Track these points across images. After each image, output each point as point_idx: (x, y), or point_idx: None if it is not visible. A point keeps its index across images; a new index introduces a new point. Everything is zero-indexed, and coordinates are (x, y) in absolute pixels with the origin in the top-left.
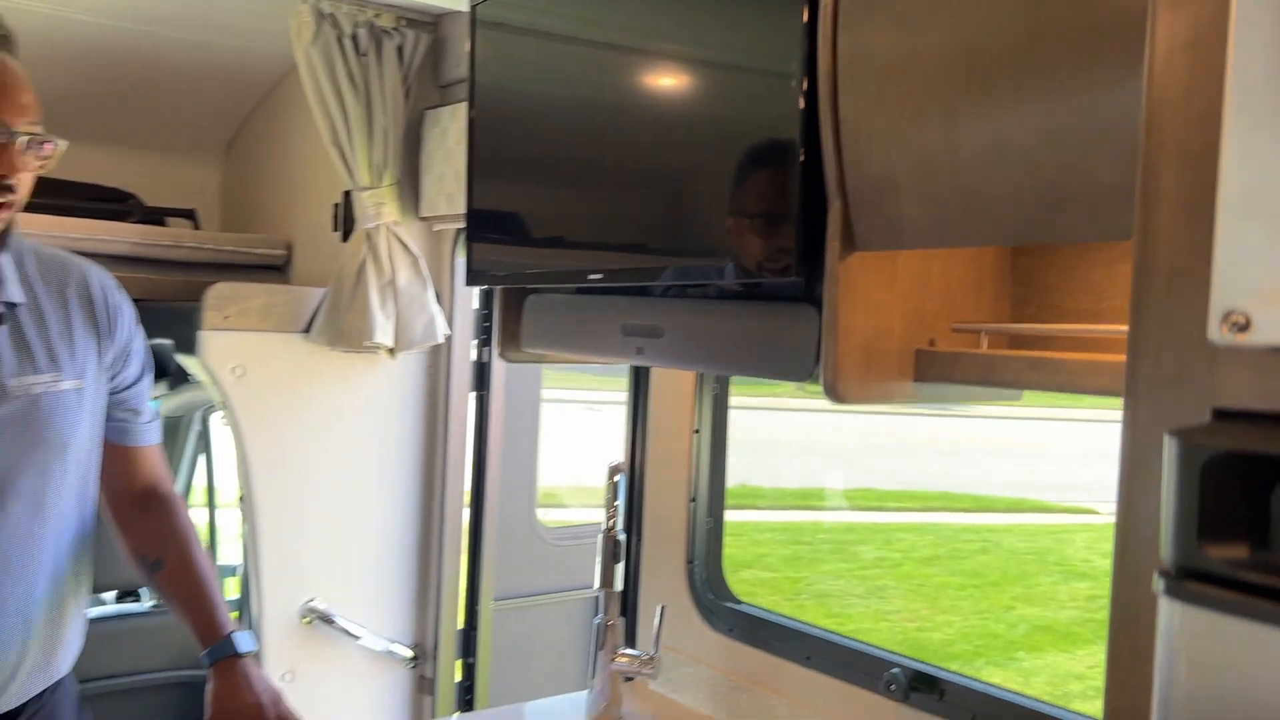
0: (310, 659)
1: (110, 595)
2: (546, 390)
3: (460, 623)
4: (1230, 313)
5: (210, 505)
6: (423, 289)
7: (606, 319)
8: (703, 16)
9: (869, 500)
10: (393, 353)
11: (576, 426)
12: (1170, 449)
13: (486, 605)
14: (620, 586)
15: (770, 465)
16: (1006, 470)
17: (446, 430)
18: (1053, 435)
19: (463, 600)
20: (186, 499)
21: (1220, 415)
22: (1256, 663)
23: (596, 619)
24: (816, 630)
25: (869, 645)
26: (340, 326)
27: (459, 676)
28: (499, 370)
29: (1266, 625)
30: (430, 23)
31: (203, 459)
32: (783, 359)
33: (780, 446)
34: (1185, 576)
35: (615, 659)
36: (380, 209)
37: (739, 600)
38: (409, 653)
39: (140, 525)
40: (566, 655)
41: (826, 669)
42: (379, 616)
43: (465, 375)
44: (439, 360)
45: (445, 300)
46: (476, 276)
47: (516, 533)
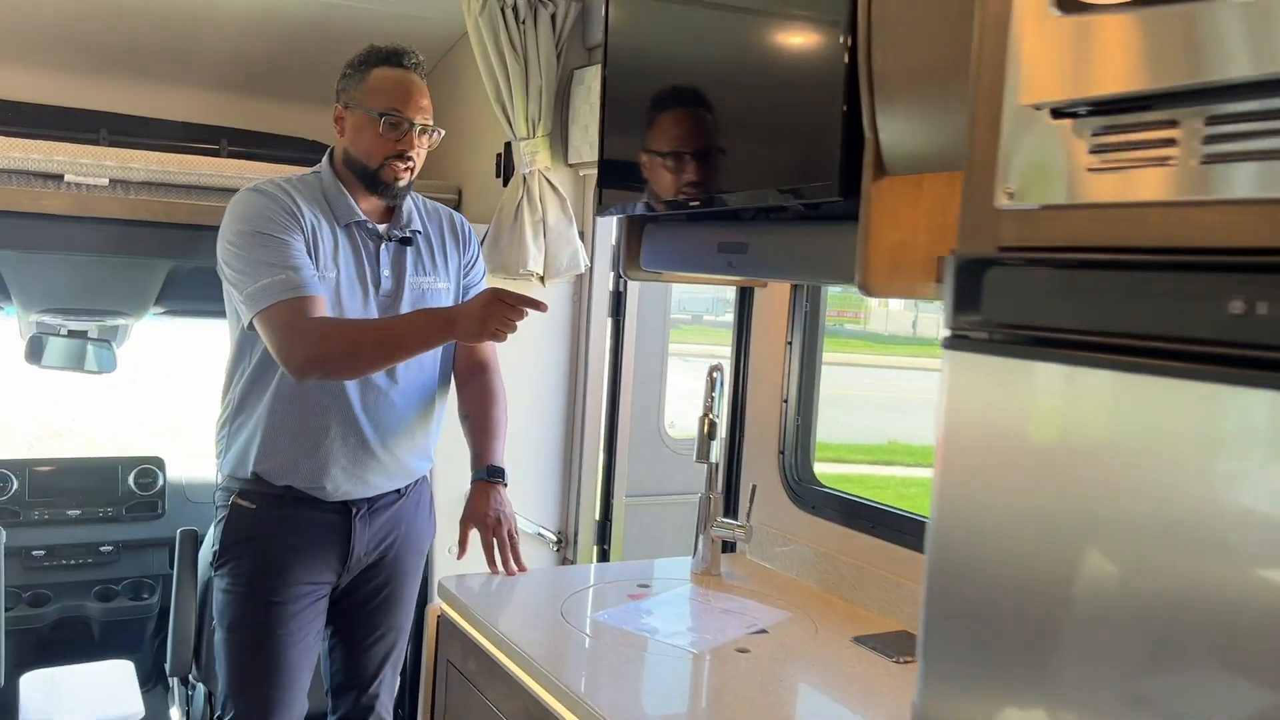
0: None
1: None
2: None
3: (597, 514)
4: (1005, 187)
5: None
6: (569, 226)
7: (706, 241)
8: None
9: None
10: (543, 280)
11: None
12: (950, 263)
13: (620, 500)
14: (714, 459)
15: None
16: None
17: (587, 349)
18: None
19: (599, 496)
20: None
21: (1002, 249)
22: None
23: (700, 492)
24: (880, 504)
25: (918, 514)
26: (500, 257)
27: (595, 560)
28: (633, 298)
29: (980, 355)
30: None
31: None
32: (835, 267)
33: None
34: (952, 339)
35: (714, 525)
36: (535, 156)
37: (821, 484)
38: (554, 537)
39: (464, 389)
40: (686, 546)
41: (887, 536)
42: (530, 505)
43: (604, 302)
44: (582, 288)
45: (587, 237)
46: (605, 208)
47: (646, 440)
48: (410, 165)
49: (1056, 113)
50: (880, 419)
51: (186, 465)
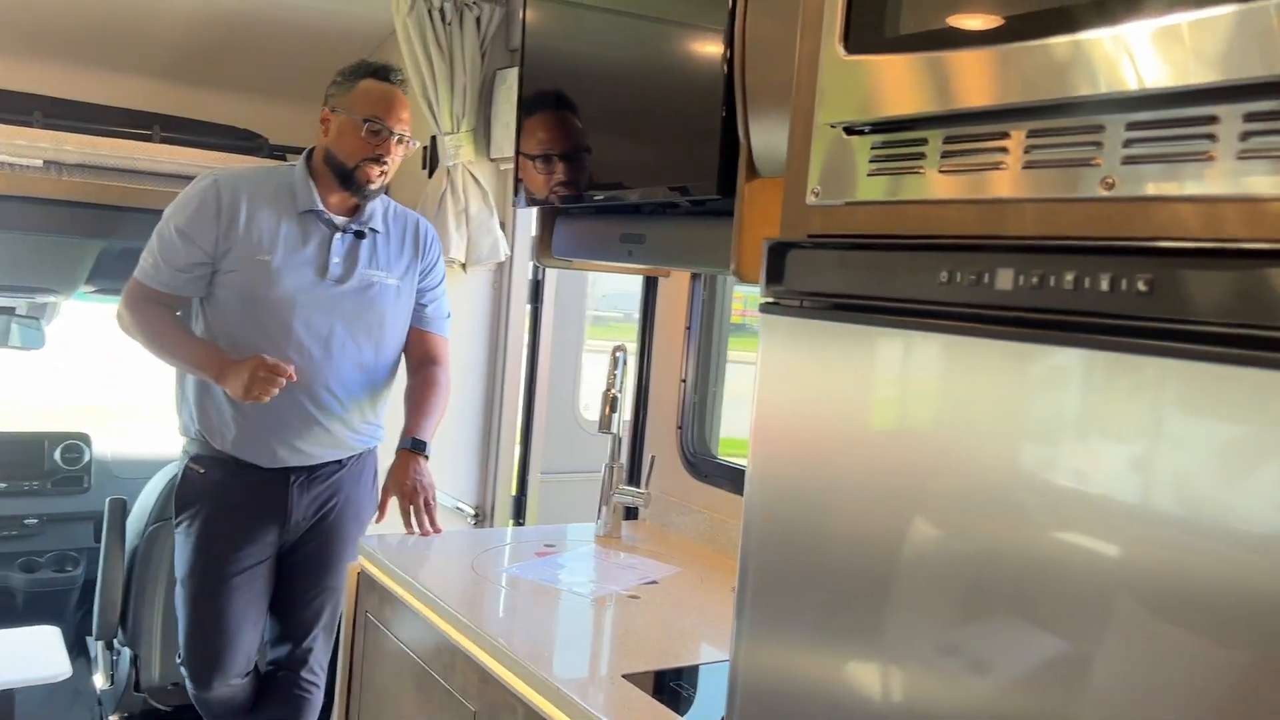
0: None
1: None
2: None
3: (514, 490)
4: (813, 188)
5: None
6: (490, 216)
7: (609, 231)
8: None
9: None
10: (465, 267)
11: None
12: (764, 246)
13: (535, 477)
14: (616, 431)
15: None
16: None
17: (507, 334)
18: None
19: (516, 472)
20: None
21: (810, 236)
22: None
23: (604, 462)
24: None
25: None
26: None
27: None
28: (550, 286)
29: (785, 317)
30: None
31: None
32: (715, 256)
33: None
34: (765, 305)
35: (616, 492)
36: (459, 150)
37: (716, 456)
38: (472, 510)
39: (414, 375)
40: (589, 522)
41: None
42: (450, 481)
43: (523, 289)
44: (502, 276)
45: (508, 227)
46: (522, 200)
47: (562, 421)
48: (384, 169)
49: (848, 130)
50: None
51: (113, 441)
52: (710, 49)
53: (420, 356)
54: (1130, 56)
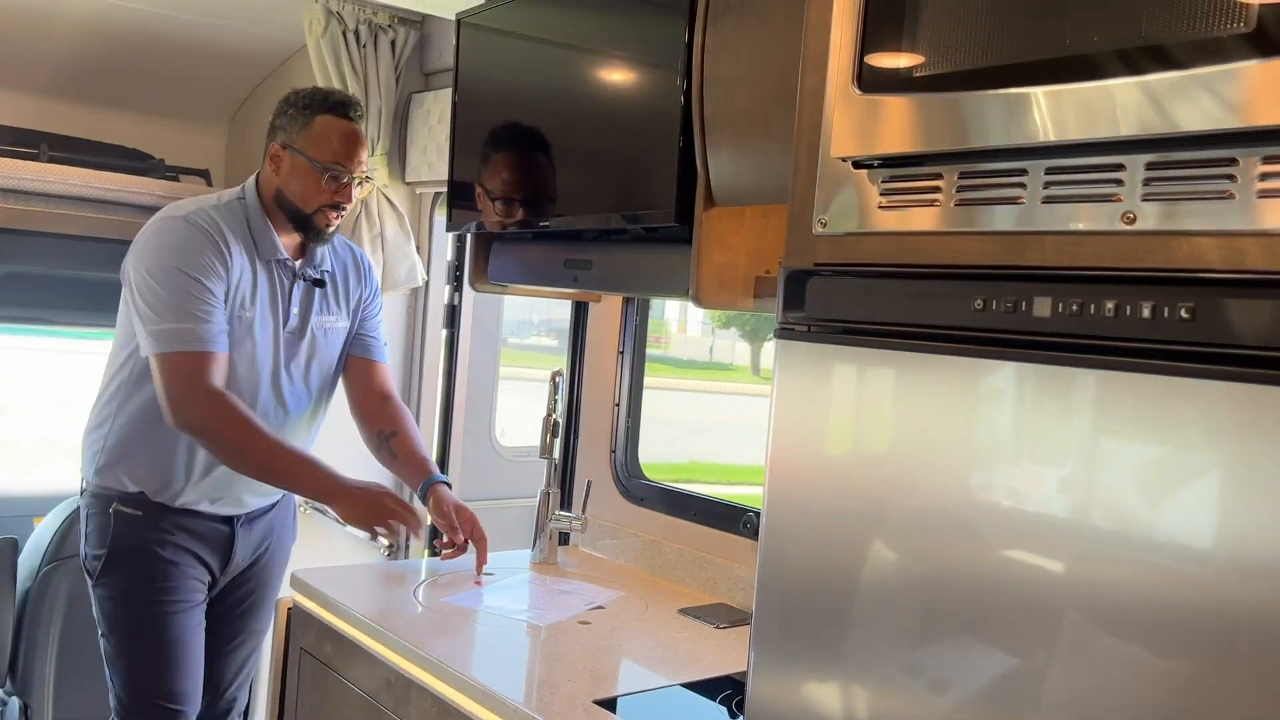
0: (311, 540)
1: None
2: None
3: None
4: (820, 218)
5: None
6: (406, 240)
7: (552, 257)
8: (623, 31)
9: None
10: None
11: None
12: (781, 274)
13: None
14: (557, 456)
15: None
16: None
17: (423, 358)
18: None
19: None
20: None
21: (817, 264)
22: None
23: (540, 488)
24: (699, 493)
25: (733, 502)
26: None
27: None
28: (467, 312)
29: (802, 342)
30: (418, 21)
31: None
32: (669, 282)
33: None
34: (781, 330)
35: (553, 518)
36: (374, 174)
37: (647, 478)
38: (386, 541)
39: (381, 412)
40: (516, 545)
41: (706, 521)
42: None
43: (439, 314)
44: (418, 301)
45: (424, 251)
46: (455, 225)
47: (478, 447)
48: (342, 213)
49: (857, 164)
50: (684, 439)
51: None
52: (662, 81)
53: (376, 390)
54: (1151, 102)
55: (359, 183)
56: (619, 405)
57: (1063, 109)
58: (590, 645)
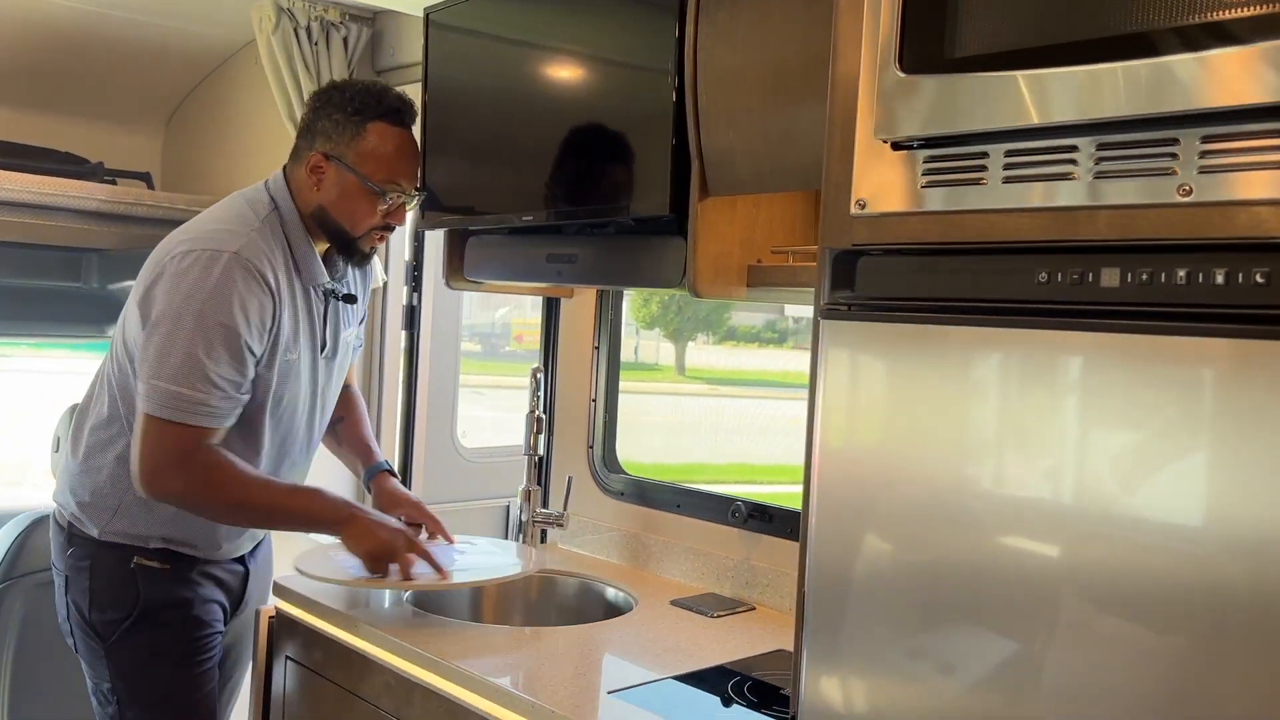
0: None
1: None
2: None
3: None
4: (858, 200)
5: None
6: None
7: (534, 251)
8: (608, 28)
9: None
10: None
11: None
12: (826, 256)
13: None
14: (541, 452)
15: None
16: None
17: (382, 360)
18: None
19: None
20: None
21: (854, 245)
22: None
23: (522, 485)
24: (682, 485)
25: (718, 491)
26: None
27: None
28: (426, 313)
29: (848, 321)
30: (370, 18)
31: None
32: (660, 273)
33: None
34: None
35: (535, 516)
36: None
37: (626, 471)
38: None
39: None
40: None
41: (690, 511)
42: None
43: (398, 316)
44: (377, 302)
45: (382, 252)
46: (429, 224)
47: (440, 450)
48: (391, 233)
49: (896, 145)
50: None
51: None
52: (653, 79)
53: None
54: (1205, 77)
55: (414, 201)
56: (595, 401)
57: (1113, 86)
58: (590, 637)
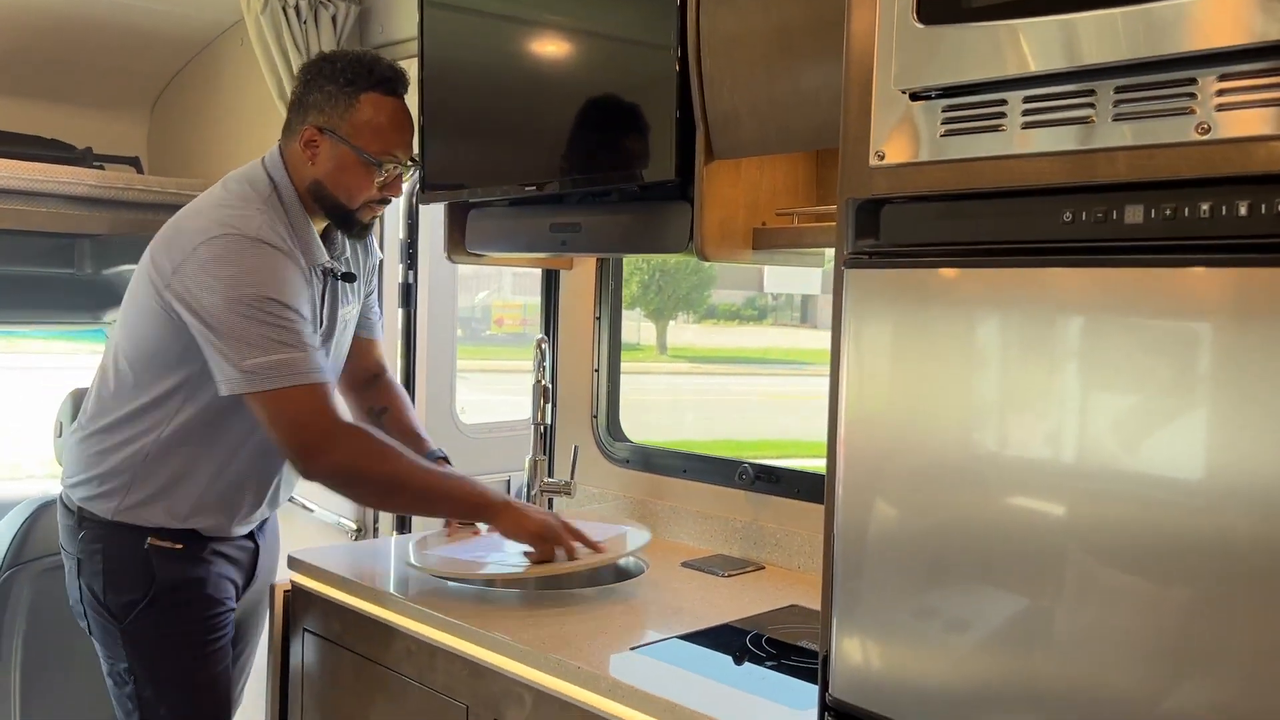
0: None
1: None
2: None
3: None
4: (876, 151)
5: None
6: None
7: (537, 222)
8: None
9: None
10: None
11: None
12: (849, 207)
13: None
14: (548, 421)
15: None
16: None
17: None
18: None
19: None
20: None
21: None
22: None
23: (529, 455)
24: (689, 451)
25: (725, 455)
26: None
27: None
28: (423, 291)
29: (872, 269)
30: None
31: None
32: (666, 239)
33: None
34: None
35: (542, 485)
36: None
37: (630, 440)
38: (353, 524)
39: (373, 389)
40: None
41: (697, 476)
42: (328, 495)
43: (394, 294)
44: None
45: (377, 230)
46: (430, 196)
47: (440, 426)
48: (387, 205)
49: (914, 96)
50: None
51: None
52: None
53: (370, 367)
54: (1223, 15)
55: (410, 172)
56: (598, 371)
57: (1130, 28)
58: (605, 599)
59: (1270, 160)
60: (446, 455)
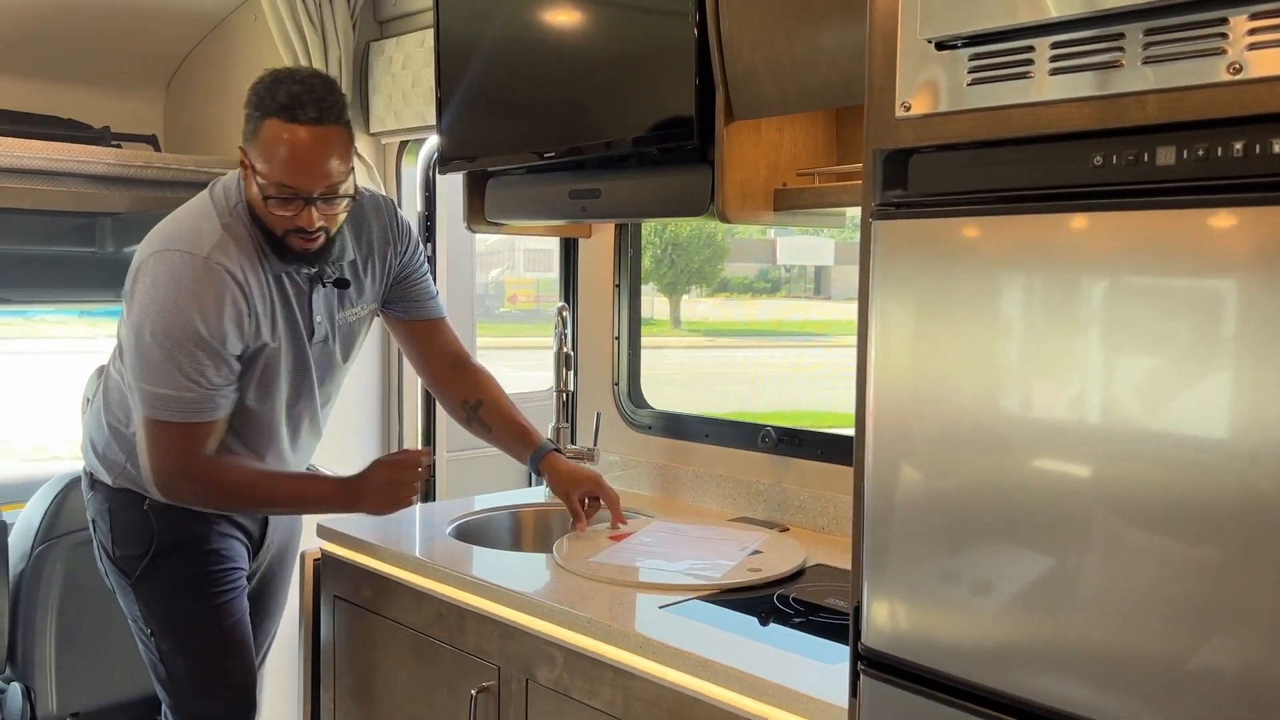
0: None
1: None
2: None
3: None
4: (903, 102)
5: None
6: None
7: (556, 189)
8: None
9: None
10: None
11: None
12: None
13: (442, 455)
14: (571, 388)
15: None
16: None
17: None
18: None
19: None
20: None
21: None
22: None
23: (552, 423)
24: (711, 416)
25: (747, 420)
26: None
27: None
28: (441, 264)
29: (901, 220)
30: None
31: None
32: (687, 202)
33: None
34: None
35: (566, 452)
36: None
37: (651, 406)
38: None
39: (459, 379)
40: (510, 489)
41: (720, 440)
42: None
43: None
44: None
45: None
46: (449, 166)
47: None
48: (318, 235)
49: (940, 45)
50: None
51: None
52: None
53: (445, 354)
54: None
55: (328, 199)
56: (618, 338)
57: None
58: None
59: None
60: (558, 446)
